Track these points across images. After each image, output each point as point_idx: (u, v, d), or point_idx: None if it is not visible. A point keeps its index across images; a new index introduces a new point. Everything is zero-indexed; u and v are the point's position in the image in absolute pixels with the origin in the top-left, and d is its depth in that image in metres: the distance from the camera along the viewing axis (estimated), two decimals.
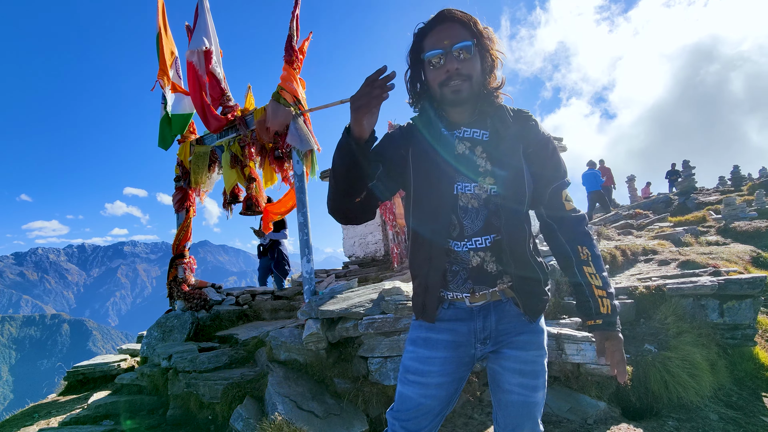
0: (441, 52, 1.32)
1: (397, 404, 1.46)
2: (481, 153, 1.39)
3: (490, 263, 1.39)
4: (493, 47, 1.39)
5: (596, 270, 1.40)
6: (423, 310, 1.44)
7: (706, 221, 9.27)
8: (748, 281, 3.64)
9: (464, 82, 1.33)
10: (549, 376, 3.38)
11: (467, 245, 1.38)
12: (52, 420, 4.30)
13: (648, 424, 2.99)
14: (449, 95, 1.34)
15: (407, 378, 1.44)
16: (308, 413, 3.00)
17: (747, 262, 5.95)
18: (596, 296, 1.38)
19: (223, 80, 5.34)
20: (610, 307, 1.37)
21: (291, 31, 4.51)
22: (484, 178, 1.37)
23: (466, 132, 1.41)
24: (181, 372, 3.98)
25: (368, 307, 3.47)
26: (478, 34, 1.36)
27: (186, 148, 5.65)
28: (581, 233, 1.43)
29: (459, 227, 1.39)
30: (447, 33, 1.33)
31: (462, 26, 1.34)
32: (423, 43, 1.37)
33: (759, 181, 13.29)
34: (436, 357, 1.42)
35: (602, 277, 1.40)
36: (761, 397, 3.30)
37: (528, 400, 1.41)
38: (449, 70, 1.32)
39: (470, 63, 1.34)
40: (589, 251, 1.41)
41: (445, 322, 1.43)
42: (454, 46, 1.31)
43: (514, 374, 1.41)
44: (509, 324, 1.42)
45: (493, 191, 1.37)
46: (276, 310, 5.73)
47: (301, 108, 4.42)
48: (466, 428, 3.07)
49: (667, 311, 3.90)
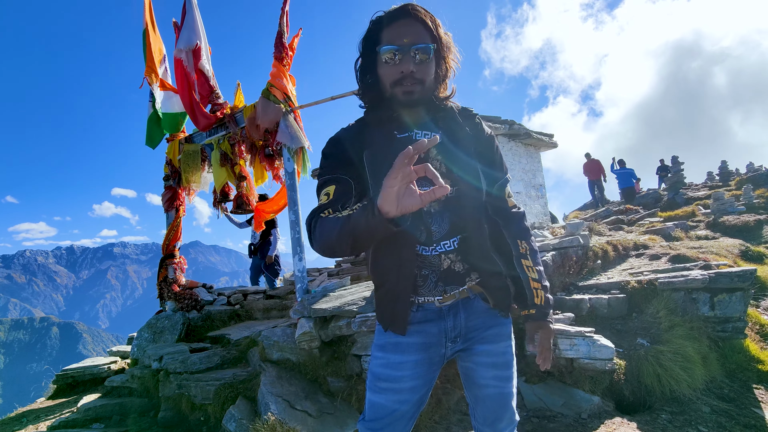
0: (398, 49, 1.25)
1: (369, 413, 1.42)
2: (436, 155, 1.36)
3: (457, 263, 1.38)
4: (449, 55, 1.35)
5: (533, 263, 1.44)
6: (392, 320, 1.38)
7: (696, 216, 9.36)
8: (738, 274, 3.67)
9: (416, 85, 1.27)
10: (542, 372, 3.38)
11: (436, 249, 1.36)
12: (41, 424, 4.22)
13: (641, 417, 3.00)
14: (400, 96, 1.29)
15: (378, 386, 1.41)
16: (302, 413, 2.97)
17: (736, 256, 6.02)
18: (532, 288, 1.43)
19: (212, 77, 5.27)
20: (544, 299, 1.43)
21: (281, 28, 4.46)
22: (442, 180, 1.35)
23: (419, 135, 1.36)
24: (172, 373, 3.93)
25: (361, 305, 3.45)
26: (439, 38, 1.30)
27: (175, 146, 5.58)
28: (522, 228, 1.47)
29: (426, 232, 1.34)
30: (408, 30, 1.25)
31: (424, 27, 1.27)
32: (380, 35, 1.29)
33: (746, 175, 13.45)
34: (407, 361, 1.39)
35: (538, 270, 1.45)
36: (752, 389, 3.33)
37: (503, 391, 1.43)
38: (404, 71, 1.26)
39: (426, 67, 1.28)
40: (527, 246, 1.45)
41: (414, 324, 1.39)
42: (413, 46, 1.25)
43: (487, 368, 1.42)
44: (478, 320, 1.42)
45: (451, 193, 1.32)
46: (268, 310, 5.68)
47: (292, 105, 4.37)
48: (461, 425, 3.06)
49: (658, 305, 3.92)
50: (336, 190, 1.26)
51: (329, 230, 1.15)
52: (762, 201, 9.89)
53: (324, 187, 1.29)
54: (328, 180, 1.30)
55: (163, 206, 5.71)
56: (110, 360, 5.68)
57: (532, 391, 3.29)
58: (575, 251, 4.99)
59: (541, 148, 10.21)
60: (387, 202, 0.97)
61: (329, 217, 1.18)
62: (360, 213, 1.06)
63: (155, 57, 5.51)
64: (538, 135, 9.55)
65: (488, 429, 1.47)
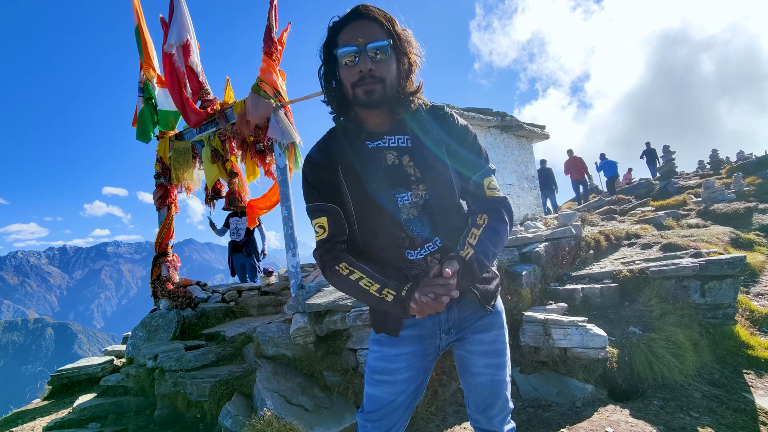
0: (355, 49, 1.26)
1: (367, 406, 1.46)
2: (409, 162, 1.37)
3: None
4: (411, 51, 1.35)
5: (482, 233, 1.33)
6: (384, 323, 1.43)
7: (687, 205, 9.43)
8: (728, 261, 3.71)
9: (376, 84, 1.28)
10: (537, 362, 3.41)
11: (421, 252, 1.38)
12: (37, 425, 4.20)
13: (634, 404, 3.04)
14: (362, 96, 1.29)
15: (374, 378, 1.45)
16: (298, 407, 2.98)
17: (727, 243, 6.07)
18: (466, 243, 1.32)
19: (201, 74, 5.23)
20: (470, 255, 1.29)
21: (269, 22, 4.42)
22: (417, 185, 1.37)
23: (391, 141, 1.38)
24: (167, 371, 3.92)
25: (355, 300, 3.45)
26: (396, 35, 1.30)
27: (165, 144, 5.53)
28: (493, 209, 1.38)
29: (409, 239, 1.38)
30: (362, 31, 1.27)
31: (378, 25, 1.28)
32: (337, 38, 1.31)
33: (737, 164, 13.55)
34: (402, 353, 1.42)
35: (481, 239, 1.32)
36: (742, 374, 3.37)
37: (495, 378, 1.45)
38: (362, 71, 1.27)
39: (385, 65, 1.29)
40: (487, 220, 1.35)
41: (409, 319, 1.42)
42: (368, 45, 1.26)
43: (479, 356, 1.45)
44: (470, 310, 1.44)
45: (427, 195, 1.37)
46: (263, 306, 5.68)
47: (282, 100, 4.34)
48: (457, 416, 3.08)
49: (650, 293, 3.95)
50: (328, 221, 1.36)
51: (344, 288, 1.34)
52: (752, 189, 9.98)
53: (315, 217, 1.37)
54: (317, 209, 1.37)
55: (155, 204, 5.67)
56: (105, 360, 5.65)
57: (526, 381, 3.31)
58: (568, 242, 5.01)
59: (533, 140, 10.22)
60: (418, 312, 1.22)
61: (343, 276, 1.33)
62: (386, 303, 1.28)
63: (151, 53, 5.46)
64: (530, 126, 9.56)
65: (481, 416, 1.50)
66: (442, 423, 3.00)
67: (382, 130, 1.39)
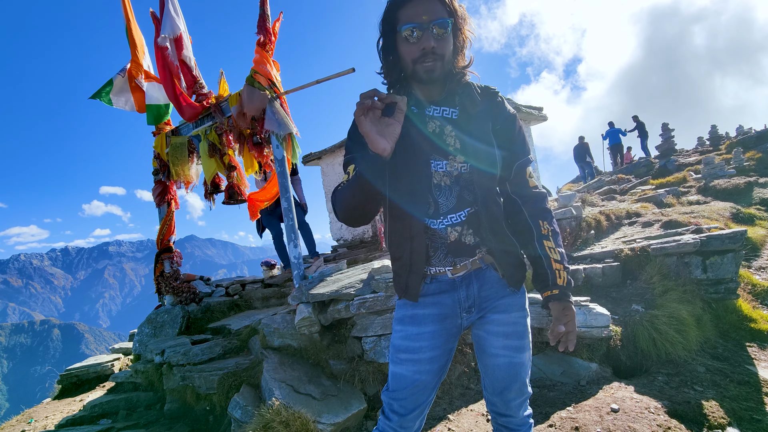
0: (417, 26, 1.27)
1: (392, 384, 1.47)
2: (451, 132, 1.39)
3: (467, 236, 1.42)
4: (465, 27, 1.37)
5: (555, 245, 1.43)
6: (406, 289, 1.45)
7: (687, 182, 9.42)
8: (729, 236, 3.72)
9: (437, 62, 1.30)
10: (541, 342, 3.43)
11: (443, 222, 1.40)
12: (49, 423, 4.26)
13: (638, 381, 3.07)
14: (422, 74, 1.31)
15: (399, 357, 1.46)
16: (305, 396, 3.01)
17: (727, 219, 6.08)
18: (554, 269, 1.41)
19: (194, 67, 5.18)
20: (566, 279, 1.41)
21: (262, 12, 4.37)
22: (455, 156, 1.38)
23: (436, 111, 1.40)
24: (175, 366, 3.95)
25: (359, 288, 3.46)
26: (454, 11, 1.32)
27: (162, 139, 5.51)
28: (543, 209, 1.46)
29: (434, 205, 1.40)
30: (425, 7, 1.28)
31: (440, 2, 1.30)
32: (398, 14, 1.31)
33: (736, 139, 13.50)
34: (424, 332, 1.43)
35: (560, 252, 1.44)
36: (745, 347, 3.40)
37: (513, 360, 1.44)
38: (425, 48, 1.28)
39: (445, 42, 1.31)
40: (549, 226, 1.45)
41: (429, 296, 1.44)
42: (432, 23, 1.27)
43: (498, 337, 1.44)
44: (491, 290, 1.44)
45: (464, 169, 1.39)
46: (267, 298, 5.70)
47: (277, 91, 4.31)
48: (463, 399, 3.11)
49: (652, 271, 3.97)
50: (355, 168, 1.36)
51: (343, 193, 1.29)
52: (752, 163, 9.95)
53: (346, 167, 1.38)
54: (350, 159, 1.38)
55: (155, 201, 5.67)
56: (113, 357, 5.71)
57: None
58: (569, 222, 5.02)
59: (531, 122, 10.17)
60: (374, 143, 1.13)
61: (342, 183, 1.32)
62: (359, 163, 1.23)
63: (139, 50, 5.41)
64: (527, 109, 9.52)
65: (497, 398, 1.50)
66: (449, 406, 3.03)
67: (430, 100, 1.41)
